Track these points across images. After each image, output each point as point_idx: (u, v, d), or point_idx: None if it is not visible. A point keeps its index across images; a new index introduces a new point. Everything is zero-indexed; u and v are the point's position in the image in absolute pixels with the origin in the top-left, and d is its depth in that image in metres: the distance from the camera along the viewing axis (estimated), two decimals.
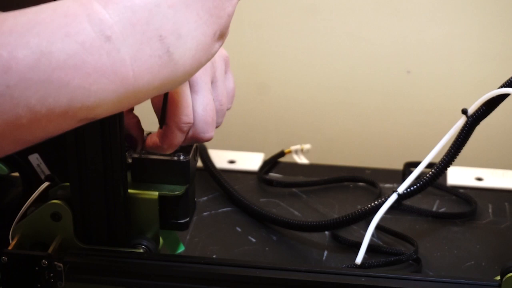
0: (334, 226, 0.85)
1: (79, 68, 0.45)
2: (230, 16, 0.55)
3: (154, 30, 0.49)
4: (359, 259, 0.79)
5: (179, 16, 0.50)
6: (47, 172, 0.81)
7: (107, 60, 0.46)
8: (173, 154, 0.71)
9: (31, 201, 0.73)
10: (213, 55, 0.54)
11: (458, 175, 0.99)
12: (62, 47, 0.45)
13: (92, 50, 0.46)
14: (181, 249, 0.79)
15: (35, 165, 0.81)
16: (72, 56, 0.45)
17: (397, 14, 1.26)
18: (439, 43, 1.27)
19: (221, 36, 0.55)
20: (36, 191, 0.73)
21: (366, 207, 0.82)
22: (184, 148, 0.72)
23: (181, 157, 0.71)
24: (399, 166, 0.99)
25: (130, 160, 0.71)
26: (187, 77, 0.52)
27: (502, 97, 0.75)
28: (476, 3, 1.24)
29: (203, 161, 0.98)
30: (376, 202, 0.81)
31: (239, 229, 0.89)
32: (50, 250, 0.70)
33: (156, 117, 0.71)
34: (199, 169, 0.96)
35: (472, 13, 1.24)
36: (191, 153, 0.71)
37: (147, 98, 0.52)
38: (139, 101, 0.50)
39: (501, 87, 0.74)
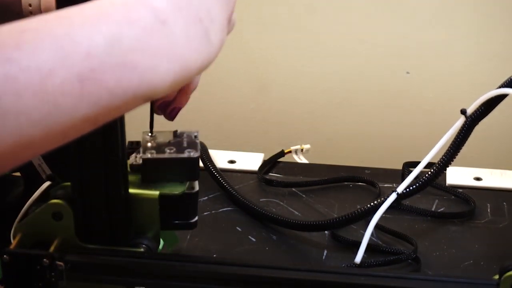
0: (333, 225, 0.85)
1: (146, 51, 0.50)
2: (235, 2, 0.60)
3: (195, 13, 0.53)
4: (358, 258, 0.79)
5: (208, 1, 0.55)
6: (48, 171, 0.81)
7: (166, 42, 0.51)
8: (182, 151, 0.72)
9: (33, 200, 0.73)
10: (225, 40, 0.58)
11: (457, 175, 0.99)
12: (129, 33, 0.49)
13: (154, 34, 0.50)
14: (176, 241, 0.80)
15: (36, 164, 0.81)
16: (139, 40, 0.49)
17: (396, 16, 1.27)
18: (438, 44, 1.27)
19: (229, 21, 0.59)
20: (37, 191, 0.73)
21: (365, 206, 0.82)
22: (191, 145, 0.73)
23: (191, 154, 0.71)
24: (398, 166, 0.99)
25: (140, 161, 0.72)
26: (215, 57, 0.56)
27: (500, 98, 0.75)
28: (474, 5, 1.24)
29: (203, 161, 0.98)
30: (375, 202, 0.81)
31: (239, 229, 0.90)
32: (51, 249, 0.70)
33: (161, 118, 0.73)
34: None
35: (470, 15, 1.25)
36: (199, 149, 0.72)
37: (191, 79, 0.57)
38: (187, 81, 0.54)
39: (500, 87, 0.75)
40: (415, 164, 0.82)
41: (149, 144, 0.73)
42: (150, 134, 0.74)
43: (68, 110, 0.46)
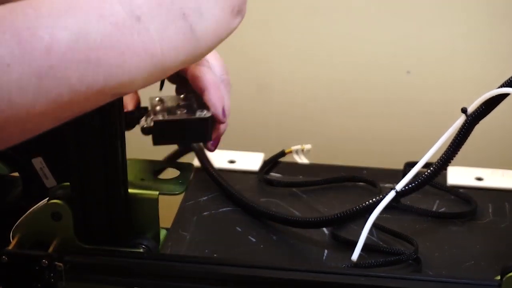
0: (332, 222, 0.85)
1: (114, 48, 0.48)
2: None
3: (178, 9, 0.52)
4: (355, 256, 0.79)
5: None
6: (50, 175, 0.81)
7: (138, 39, 0.49)
8: (193, 112, 0.71)
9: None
10: (232, 31, 0.57)
11: (458, 175, 0.99)
12: (98, 28, 0.47)
13: (125, 30, 0.49)
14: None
15: (38, 168, 0.81)
16: (107, 36, 0.48)
17: (397, 15, 1.26)
18: (439, 43, 1.27)
19: (239, 12, 0.58)
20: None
21: (363, 204, 0.82)
22: (201, 105, 0.72)
23: (203, 114, 0.71)
24: (400, 166, 0.99)
25: (151, 124, 0.70)
26: (208, 51, 0.56)
27: (501, 97, 0.75)
28: (475, 4, 1.24)
29: (200, 160, 0.98)
30: (374, 199, 0.81)
31: (239, 229, 0.89)
32: (50, 250, 0.70)
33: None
34: (197, 168, 0.96)
35: (471, 14, 1.25)
36: (210, 109, 0.72)
37: (173, 72, 0.55)
38: (165, 76, 0.53)
39: (501, 87, 0.75)
40: (416, 164, 0.82)
41: (158, 108, 0.71)
42: (158, 98, 0.72)
43: (24, 105, 0.45)
